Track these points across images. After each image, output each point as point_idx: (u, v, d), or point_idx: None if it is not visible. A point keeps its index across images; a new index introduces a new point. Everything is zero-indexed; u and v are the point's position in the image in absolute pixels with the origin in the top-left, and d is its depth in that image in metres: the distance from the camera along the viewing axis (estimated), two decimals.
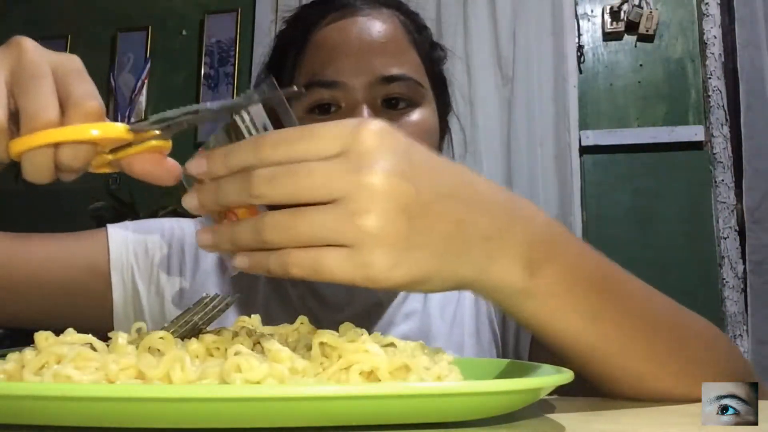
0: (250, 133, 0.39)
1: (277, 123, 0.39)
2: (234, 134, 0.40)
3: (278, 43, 0.73)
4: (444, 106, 0.73)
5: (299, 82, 0.65)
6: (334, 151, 0.34)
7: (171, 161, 0.40)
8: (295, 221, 0.34)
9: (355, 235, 0.33)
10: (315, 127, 0.35)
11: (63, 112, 0.37)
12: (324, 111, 0.64)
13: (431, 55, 0.72)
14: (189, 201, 0.39)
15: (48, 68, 0.37)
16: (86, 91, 0.37)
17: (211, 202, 0.38)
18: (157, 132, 0.39)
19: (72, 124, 0.37)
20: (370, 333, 0.40)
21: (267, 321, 0.47)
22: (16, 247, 0.63)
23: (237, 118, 0.39)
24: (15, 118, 0.37)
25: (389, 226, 0.33)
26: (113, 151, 0.40)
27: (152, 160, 0.39)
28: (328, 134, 0.35)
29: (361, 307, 0.70)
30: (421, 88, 0.66)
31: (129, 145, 0.39)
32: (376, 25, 0.66)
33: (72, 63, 0.38)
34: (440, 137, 0.71)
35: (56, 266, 0.64)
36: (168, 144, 0.40)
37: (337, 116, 0.64)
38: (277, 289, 0.71)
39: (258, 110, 0.39)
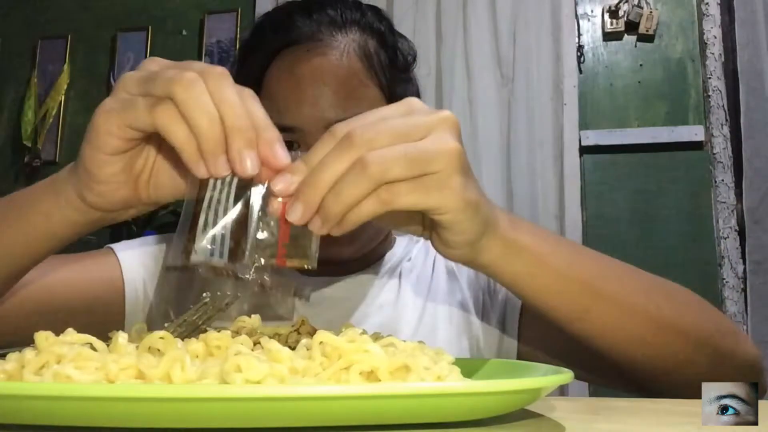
0: None
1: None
2: None
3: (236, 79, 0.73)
4: None
5: None
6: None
7: None
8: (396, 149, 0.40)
9: (442, 162, 0.41)
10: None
11: None
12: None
13: (394, 75, 0.70)
14: (294, 213, 0.40)
15: None
16: None
17: (333, 204, 0.40)
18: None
19: None
20: (345, 324, 0.40)
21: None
22: (51, 274, 0.64)
23: None
24: None
25: (461, 160, 0.43)
26: None
27: None
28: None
29: (337, 300, 0.71)
30: None
31: None
32: (331, 66, 0.65)
33: None
34: None
35: (84, 287, 0.67)
36: None
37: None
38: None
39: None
